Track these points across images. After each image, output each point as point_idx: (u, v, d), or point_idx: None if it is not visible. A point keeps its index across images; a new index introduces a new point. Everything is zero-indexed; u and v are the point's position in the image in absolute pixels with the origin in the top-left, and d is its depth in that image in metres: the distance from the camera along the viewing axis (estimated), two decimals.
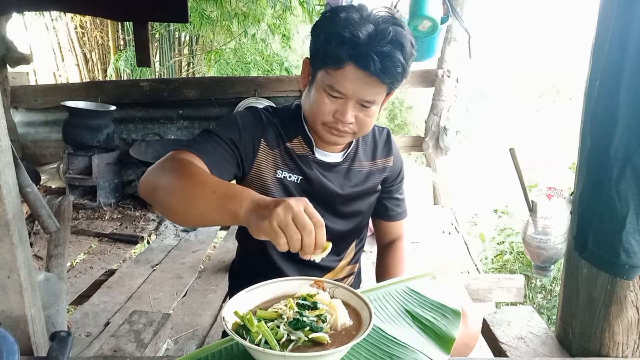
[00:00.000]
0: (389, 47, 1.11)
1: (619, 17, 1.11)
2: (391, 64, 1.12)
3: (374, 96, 1.18)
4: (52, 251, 2.10)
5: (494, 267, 3.75)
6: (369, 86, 1.16)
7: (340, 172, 1.35)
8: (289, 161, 1.31)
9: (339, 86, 1.16)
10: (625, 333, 1.32)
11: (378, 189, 1.43)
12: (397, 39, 1.13)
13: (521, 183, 1.84)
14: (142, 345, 1.50)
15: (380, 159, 1.42)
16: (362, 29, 1.11)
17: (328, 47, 1.14)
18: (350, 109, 1.18)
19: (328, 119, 1.21)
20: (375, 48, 1.11)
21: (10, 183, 1.19)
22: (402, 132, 7.79)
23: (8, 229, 1.17)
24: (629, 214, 1.14)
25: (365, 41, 1.11)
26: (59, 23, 5.99)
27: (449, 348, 1.00)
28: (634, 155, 1.11)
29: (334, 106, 1.19)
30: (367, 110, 1.20)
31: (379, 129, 1.45)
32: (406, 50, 1.15)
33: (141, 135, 4.47)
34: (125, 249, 3.38)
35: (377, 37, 1.11)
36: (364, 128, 1.24)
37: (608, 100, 1.14)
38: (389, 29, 1.12)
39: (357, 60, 1.12)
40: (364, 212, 1.44)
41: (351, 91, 1.16)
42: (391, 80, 1.16)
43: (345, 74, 1.15)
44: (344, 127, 1.21)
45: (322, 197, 1.34)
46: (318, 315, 0.96)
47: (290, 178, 1.31)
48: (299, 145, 1.32)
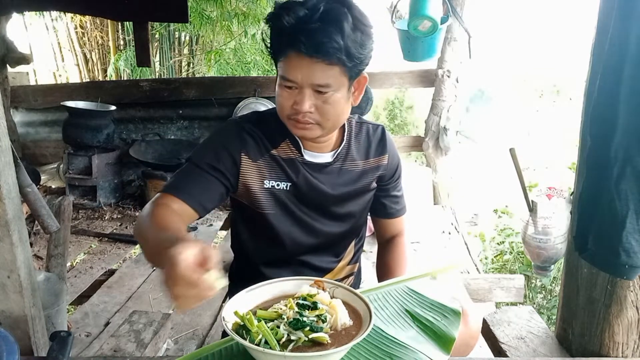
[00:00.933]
0: (319, 24, 1.09)
1: (619, 17, 1.11)
2: (326, 40, 1.09)
3: (325, 79, 1.14)
4: (52, 251, 2.11)
5: (494, 267, 3.75)
6: (315, 69, 1.13)
7: (332, 172, 1.33)
8: (276, 169, 1.30)
9: (288, 75, 1.15)
10: (625, 333, 1.33)
11: (372, 187, 1.41)
12: (329, 15, 1.10)
13: (521, 183, 1.84)
14: (142, 345, 1.50)
15: (374, 157, 1.39)
16: (292, 14, 1.11)
17: (271, 41, 1.17)
18: (306, 98, 1.16)
19: (289, 112, 1.19)
20: (304, 28, 1.10)
21: (10, 183, 1.19)
22: (402, 132, 7.79)
23: (8, 229, 1.17)
24: (629, 214, 1.14)
25: (294, 24, 1.11)
26: (59, 23, 5.99)
27: (449, 348, 1.00)
28: (634, 155, 1.11)
29: (292, 97, 1.18)
30: (325, 97, 1.17)
31: (373, 126, 1.42)
32: (342, 25, 1.10)
33: (141, 135, 4.46)
34: (125, 249, 3.38)
35: (306, 18, 1.10)
36: (328, 117, 1.20)
37: (608, 100, 1.14)
38: (319, 7, 1.11)
39: (292, 45, 1.11)
40: (359, 212, 1.42)
41: (300, 78, 1.14)
42: (332, 58, 1.12)
43: (289, 62, 1.14)
44: (304, 118, 1.18)
45: (314, 200, 1.33)
46: (318, 315, 0.96)
47: (279, 186, 1.30)
48: (287, 149, 1.30)
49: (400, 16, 3.24)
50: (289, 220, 1.33)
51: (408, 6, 2.90)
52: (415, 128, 7.61)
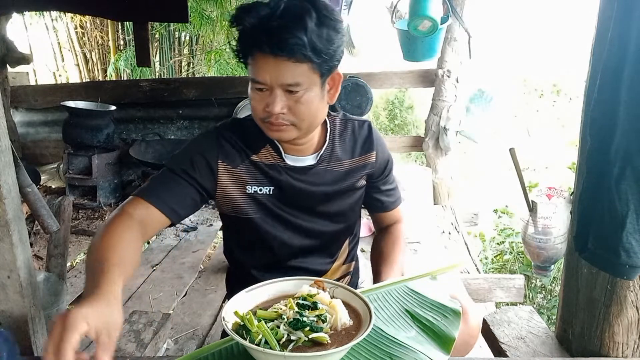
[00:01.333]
0: (280, 21, 1.07)
1: (619, 17, 1.11)
2: (288, 36, 1.07)
3: (294, 78, 1.11)
4: (52, 251, 2.10)
5: (494, 267, 3.75)
6: (282, 69, 1.10)
7: (316, 174, 1.30)
8: (258, 174, 1.28)
9: (256, 76, 1.13)
10: (625, 333, 1.32)
11: (360, 185, 1.38)
12: (290, 11, 1.08)
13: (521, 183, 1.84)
14: (142, 345, 1.50)
15: (360, 155, 1.35)
16: (254, 14, 1.09)
17: (237, 44, 1.15)
18: (277, 99, 1.13)
19: (262, 115, 1.17)
20: (265, 27, 1.08)
21: (10, 183, 1.19)
22: (402, 132, 7.78)
23: (8, 229, 1.17)
24: (629, 214, 1.14)
25: (256, 24, 1.09)
26: (59, 23, 5.98)
27: (449, 348, 1.00)
28: (634, 156, 1.11)
29: (264, 100, 1.15)
30: (296, 96, 1.14)
31: (359, 123, 1.38)
32: (305, 20, 1.08)
33: (141, 135, 4.46)
34: None
35: (267, 16, 1.08)
36: (302, 117, 1.16)
37: (608, 100, 1.14)
38: (279, 4, 1.09)
39: (257, 45, 1.10)
40: (349, 210, 1.39)
41: (268, 78, 1.12)
42: (298, 56, 1.09)
43: (257, 63, 1.12)
44: (277, 120, 1.15)
45: (299, 202, 1.31)
46: (318, 315, 0.96)
47: (262, 191, 1.28)
48: (268, 154, 1.28)
49: (400, 16, 3.24)
50: (275, 222, 1.31)
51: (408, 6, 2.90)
52: (415, 128, 7.62)
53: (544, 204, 1.74)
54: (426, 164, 4.40)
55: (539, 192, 1.79)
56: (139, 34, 3.38)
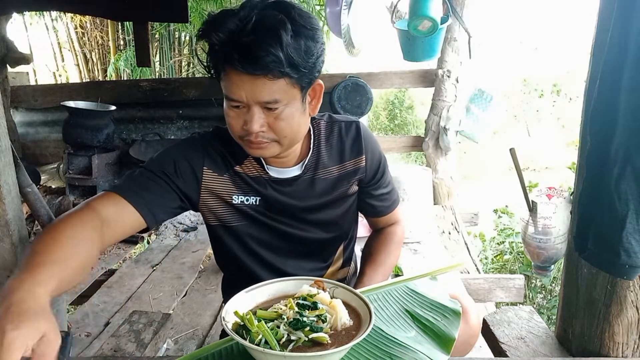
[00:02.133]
0: (252, 36, 0.98)
1: (619, 17, 1.11)
2: (262, 53, 0.97)
3: (271, 95, 1.03)
4: None
5: (494, 267, 3.75)
6: (257, 86, 1.02)
7: (302, 184, 1.24)
8: (242, 184, 1.22)
9: (230, 94, 1.05)
10: (625, 333, 1.33)
11: (352, 192, 1.31)
12: (263, 24, 0.99)
13: (521, 183, 1.84)
14: (142, 345, 1.50)
15: (349, 160, 1.26)
16: (223, 28, 1.00)
17: (209, 59, 1.06)
18: (255, 117, 1.05)
19: (240, 133, 1.10)
20: (236, 43, 0.99)
21: (10, 183, 1.19)
22: (402, 132, 7.79)
23: (8, 229, 1.17)
24: (629, 214, 1.14)
25: (226, 40, 1.00)
26: (59, 23, 5.99)
27: (449, 348, 1.00)
28: (634, 156, 1.11)
29: (241, 118, 1.07)
30: (275, 113, 1.06)
31: (346, 124, 1.27)
32: (279, 34, 0.98)
33: (141, 135, 4.46)
34: (125, 249, 3.38)
35: (237, 31, 0.99)
36: (284, 133, 1.09)
37: (608, 100, 1.14)
38: (251, 17, 0.99)
39: (229, 62, 1.01)
40: (341, 217, 1.33)
41: (244, 95, 1.04)
42: (273, 72, 1.00)
43: (230, 80, 1.04)
44: (257, 138, 1.08)
45: (288, 213, 1.25)
46: (318, 315, 0.96)
47: (248, 202, 1.22)
48: (251, 167, 1.22)
49: (400, 16, 3.24)
50: (262, 231, 1.27)
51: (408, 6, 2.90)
52: (415, 128, 7.62)
53: (544, 204, 1.74)
54: (426, 164, 4.40)
55: (539, 192, 1.79)
56: (139, 34, 3.38)
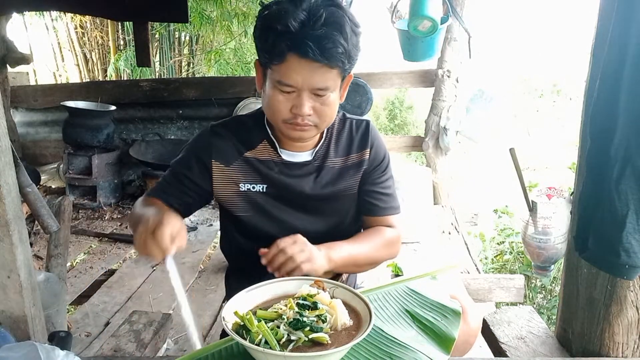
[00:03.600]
0: (324, 29, 1.09)
1: (619, 17, 1.11)
2: (331, 45, 1.09)
3: (325, 82, 1.14)
4: (52, 251, 2.10)
5: (494, 267, 3.75)
6: (316, 73, 1.12)
7: (311, 171, 1.31)
8: (251, 172, 1.30)
9: (286, 79, 1.13)
10: (625, 333, 1.33)
11: (355, 185, 1.35)
12: (332, 20, 1.10)
13: (521, 183, 1.84)
14: (142, 345, 1.50)
15: (356, 153, 1.34)
16: (294, 17, 1.09)
17: (267, 43, 1.13)
18: (305, 101, 1.15)
19: (286, 116, 1.18)
20: (310, 33, 1.08)
21: (10, 183, 1.19)
22: (402, 132, 7.79)
23: (8, 229, 1.17)
24: (629, 214, 1.14)
25: (299, 28, 1.09)
26: (59, 23, 5.99)
27: (449, 348, 1.00)
28: (634, 155, 1.11)
29: (289, 101, 1.16)
30: (323, 99, 1.17)
31: (357, 122, 1.37)
32: (345, 29, 1.11)
33: (141, 135, 4.46)
34: (125, 249, 3.38)
35: (310, 22, 1.09)
36: (325, 118, 1.20)
37: (608, 100, 1.14)
38: (321, 12, 1.09)
39: (295, 49, 1.10)
40: (344, 211, 1.37)
41: (300, 82, 1.13)
42: (336, 63, 1.12)
43: (289, 66, 1.12)
44: (304, 121, 1.17)
45: (293, 200, 1.31)
46: (318, 315, 0.96)
47: (255, 189, 1.30)
48: (264, 150, 1.30)
49: (400, 16, 3.24)
50: (267, 221, 1.32)
51: (408, 6, 2.90)
52: (415, 128, 7.62)
53: (544, 204, 1.74)
54: (426, 164, 4.40)
55: (539, 192, 1.79)
56: (139, 34, 3.38)
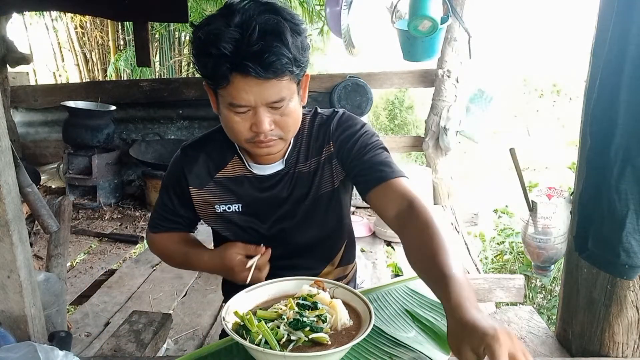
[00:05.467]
0: (261, 43, 0.99)
1: (619, 17, 1.11)
2: (273, 58, 1.00)
3: (279, 94, 1.05)
4: (52, 251, 2.10)
5: (494, 267, 3.75)
6: (266, 88, 1.04)
7: (284, 180, 1.24)
8: (223, 193, 1.25)
9: (237, 100, 1.05)
10: (625, 333, 1.33)
11: (334, 180, 1.25)
12: (269, 29, 1.00)
13: (521, 183, 1.84)
14: (142, 345, 1.50)
15: (323, 149, 1.24)
16: (226, 38, 1.00)
17: (207, 68, 1.05)
18: (264, 117, 1.07)
19: (248, 135, 1.10)
20: (246, 50, 0.99)
21: (10, 183, 1.19)
22: (402, 132, 7.79)
23: (8, 229, 1.17)
24: (629, 214, 1.14)
25: (234, 50, 1.00)
26: (59, 23, 5.99)
27: (449, 348, 1.00)
28: (634, 155, 1.11)
29: (247, 121, 1.08)
30: (282, 110, 1.08)
31: (327, 116, 1.26)
32: (285, 36, 1.01)
33: (141, 135, 4.46)
34: (125, 249, 3.38)
35: (244, 39, 0.99)
36: (289, 128, 1.12)
37: (608, 100, 1.14)
38: (253, 24, 0.99)
39: (237, 70, 1.01)
40: (328, 211, 1.27)
41: (252, 100, 1.05)
42: (283, 73, 1.03)
43: (236, 87, 1.04)
44: (266, 137, 1.10)
45: (271, 214, 1.26)
46: (318, 316, 0.96)
47: (230, 209, 1.26)
48: (235, 166, 1.25)
49: (400, 16, 3.23)
50: (251, 237, 1.27)
51: (408, 6, 2.90)
52: (415, 128, 7.62)
53: (544, 204, 1.74)
54: (426, 164, 4.40)
55: (539, 192, 1.79)
56: (139, 34, 3.38)
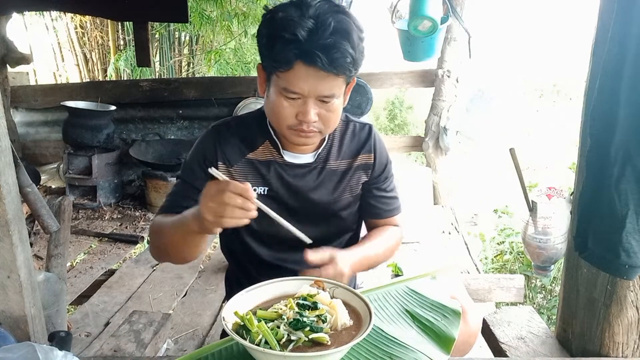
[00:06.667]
0: (332, 38, 1.08)
1: (619, 17, 1.11)
2: (339, 55, 1.09)
3: (331, 90, 1.14)
4: (52, 251, 2.10)
5: (494, 267, 3.75)
6: (323, 81, 1.12)
7: (313, 173, 1.30)
8: (252, 174, 1.29)
9: (293, 87, 1.12)
10: (625, 333, 1.33)
11: (358, 188, 1.37)
12: (341, 28, 1.09)
13: (521, 183, 1.84)
14: (142, 345, 1.50)
15: (359, 156, 1.35)
16: (301, 26, 1.08)
17: (273, 51, 1.12)
18: (311, 108, 1.14)
19: (291, 122, 1.17)
20: (319, 42, 1.08)
21: (10, 183, 1.19)
22: (402, 132, 7.79)
23: (8, 229, 1.17)
24: (629, 214, 1.14)
25: (307, 38, 1.08)
26: (59, 23, 5.99)
27: (449, 348, 1.00)
28: (634, 155, 1.11)
29: (294, 108, 1.16)
30: (328, 105, 1.16)
31: (360, 125, 1.38)
32: (353, 38, 1.11)
33: (141, 135, 4.46)
34: (125, 249, 3.38)
35: (319, 31, 1.08)
36: (329, 124, 1.20)
37: (608, 100, 1.14)
38: (329, 20, 1.08)
39: (303, 58, 1.09)
40: (346, 212, 1.37)
41: (306, 90, 1.12)
42: (344, 71, 1.12)
43: (296, 74, 1.11)
44: (309, 127, 1.17)
45: (294, 202, 1.30)
46: (318, 316, 0.96)
47: (256, 191, 1.27)
48: (267, 150, 1.29)
49: (400, 16, 3.24)
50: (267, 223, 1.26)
51: (408, 6, 2.90)
52: (415, 128, 7.62)
53: (544, 204, 1.74)
54: (426, 164, 4.40)
55: (539, 192, 1.79)
56: (139, 34, 3.39)
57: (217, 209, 0.98)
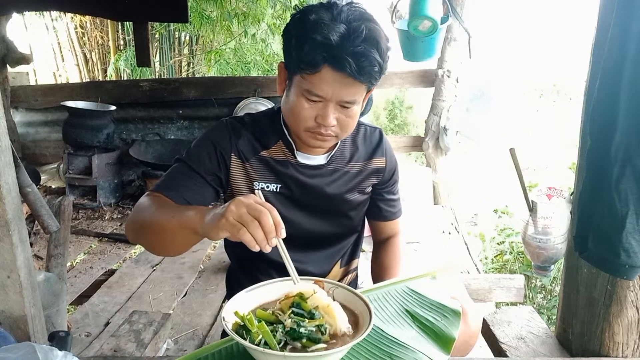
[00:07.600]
0: (363, 46, 1.08)
1: (619, 17, 1.11)
2: (367, 63, 1.09)
3: (353, 96, 1.14)
4: (52, 251, 2.10)
5: (494, 267, 3.75)
6: (347, 87, 1.12)
7: (325, 174, 1.32)
8: (265, 171, 1.29)
9: (316, 90, 1.12)
10: (625, 333, 1.33)
11: (367, 190, 1.39)
12: (371, 37, 1.09)
13: (521, 183, 1.84)
14: (142, 345, 1.50)
15: (370, 160, 1.37)
16: (334, 30, 1.07)
17: (301, 52, 1.10)
18: (331, 112, 1.15)
19: (310, 124, 1.17)
20: (349, 49, 1.07)
21: (10, 183, 1.18)
22: (402, 132, 7.80)
23: (8, 229, 1.17)
24: (629, 214, 1.14)
25: (338, 42, 1.07)
26: (59, 23, 5.99)
27: (449, 348, 1.00)
28: (634, 156, 1.11)
29: (314, 110, 1.16)
30: (348, 111, 1.17)
31: (371, 129, 1.40)
32: (381, 47, 1.11)
33: (141, 135, 4.46)
34: (125, 249, 3.38)
35: (350, 37, 1.07)
36: (347, 129, 1.21)
37: (608, 100, 1.14)
38: (362, 27, 1.08)
39: (332, 62, 1.09)
40: (354, 214, 1.40)
41: (330, 94, 1.12)
42: (370, 80, 1.13)
43: (322, 77, 1.11)
44: (327, 131, 1.17)
45: (305, 201, 1.32)
46: (318, 326, 0.95)
47: (269, 188, 1.28)
48: (279, 150, 1.29)
49: (400, 16, 3.23)
50: None
51: (408, 6, 2.90)
52: (415, 128, 7.63)
53: (544, 204, 1.74)
54: (426, 164, 4.40)
55: (539, 192, 1.79)
56: (139, 34, 3.39)
57: (245, 218, 0.92)
